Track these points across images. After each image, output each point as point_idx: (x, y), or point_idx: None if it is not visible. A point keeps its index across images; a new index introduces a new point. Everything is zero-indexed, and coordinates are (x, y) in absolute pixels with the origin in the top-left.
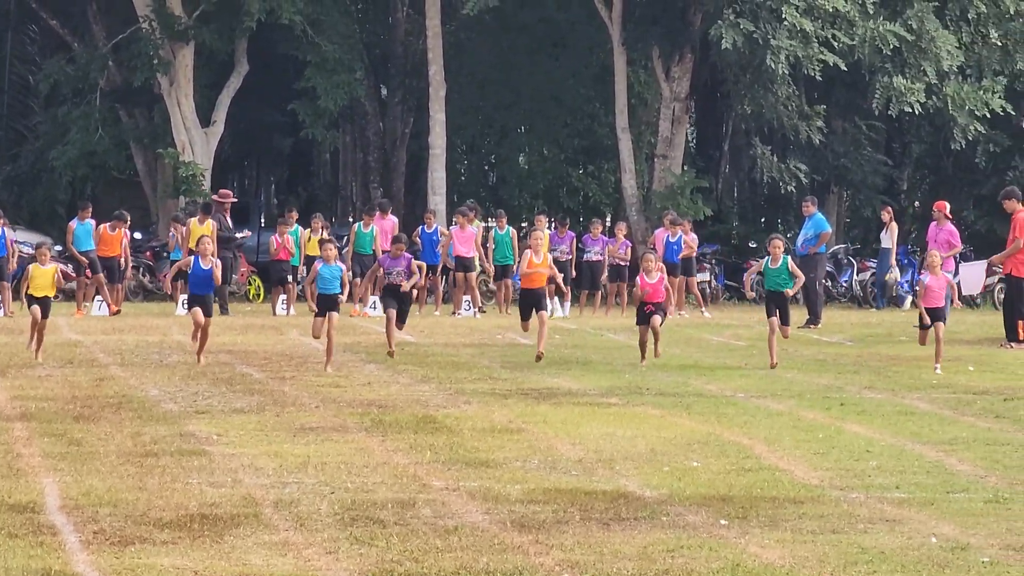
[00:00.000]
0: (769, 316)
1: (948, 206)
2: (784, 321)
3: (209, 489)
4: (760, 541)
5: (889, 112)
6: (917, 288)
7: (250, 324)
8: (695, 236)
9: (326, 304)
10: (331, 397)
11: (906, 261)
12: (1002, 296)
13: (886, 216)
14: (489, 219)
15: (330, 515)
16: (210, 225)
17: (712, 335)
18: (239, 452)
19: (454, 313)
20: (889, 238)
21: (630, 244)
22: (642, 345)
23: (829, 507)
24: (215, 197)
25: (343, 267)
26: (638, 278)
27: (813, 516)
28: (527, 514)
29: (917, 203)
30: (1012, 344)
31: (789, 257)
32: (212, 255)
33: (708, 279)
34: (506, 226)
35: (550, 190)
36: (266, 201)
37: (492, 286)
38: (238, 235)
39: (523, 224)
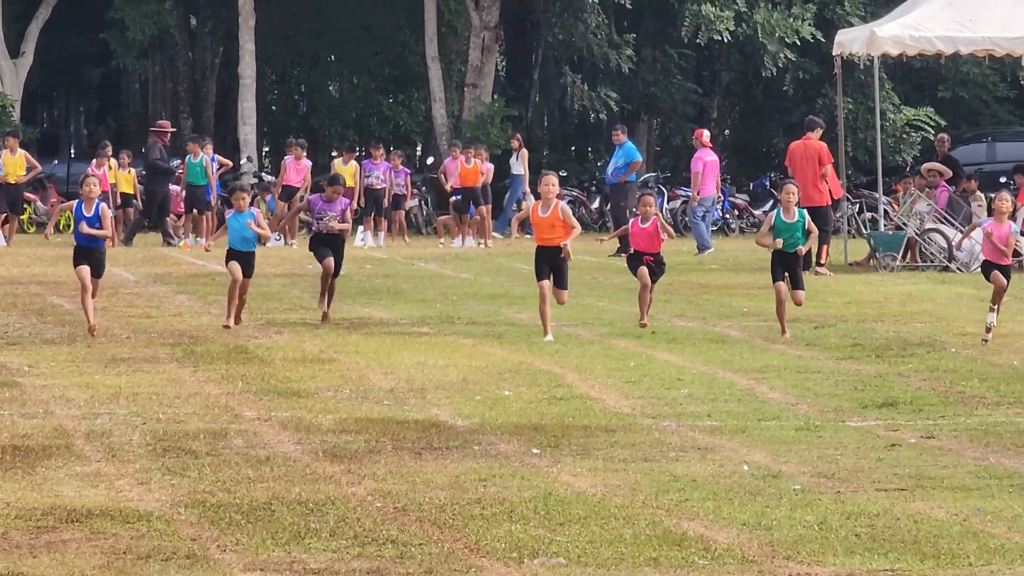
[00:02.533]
0: (776, 280)
1: (706, 133)
2: (797, 284)
3: (20, 420)
4: (572, 470)
5: (698, 40)
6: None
7: (61, 255)
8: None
9: (241, 262)
10: (142, 328)
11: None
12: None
13: (515, 143)
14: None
15: (142, 446)
16: (22, 156)
17: (523, 264)
18: (50, 383)
19: (262, 243)
20: (520, 164)
21: (409, 172)
22: (642, 293)
23: (641, 435)
24: (152, 128)
25: (256, 212)
26: (630, 223)
27: (625, 444)
28: (339, 444)
29: (727, 131)
30: (818, 269)
31: (806, 211)
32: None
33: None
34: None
35: (361, 119)
36: (76, 132)
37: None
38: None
39: (332, 154)
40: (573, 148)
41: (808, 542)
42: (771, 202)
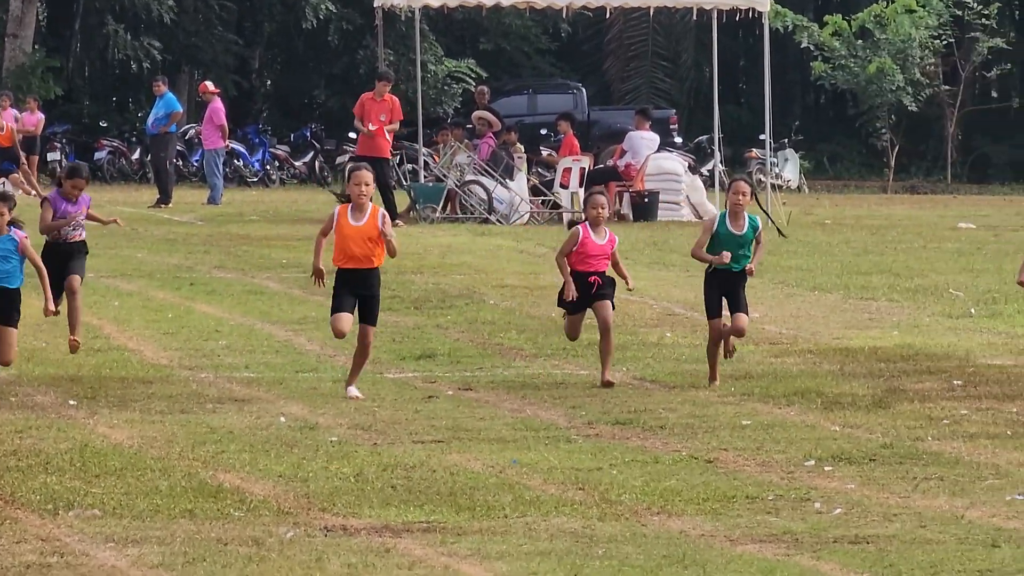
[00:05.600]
0: (712, 315)
1: (211, 85)
2: (739, 307)
3: None
4: (109, 421)
5: None
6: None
7: None
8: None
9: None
10: None
11: (257, 140)
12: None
13: None
14: None
15: None
16: None
17: None
18: None
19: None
20: None
21: None
22: (571, 330)
23: (178, 387)
24: None
25: (20, 237)
26: (579, 229)
27: (162, 396)
28: None
29: (269, 82)
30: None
31: (759, 218)
32: None
33: (59, 158)
34: None
35: None
36: None
37: None
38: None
39: None
40: (115, 99)
41: (344, 494)
42: (311, 153)
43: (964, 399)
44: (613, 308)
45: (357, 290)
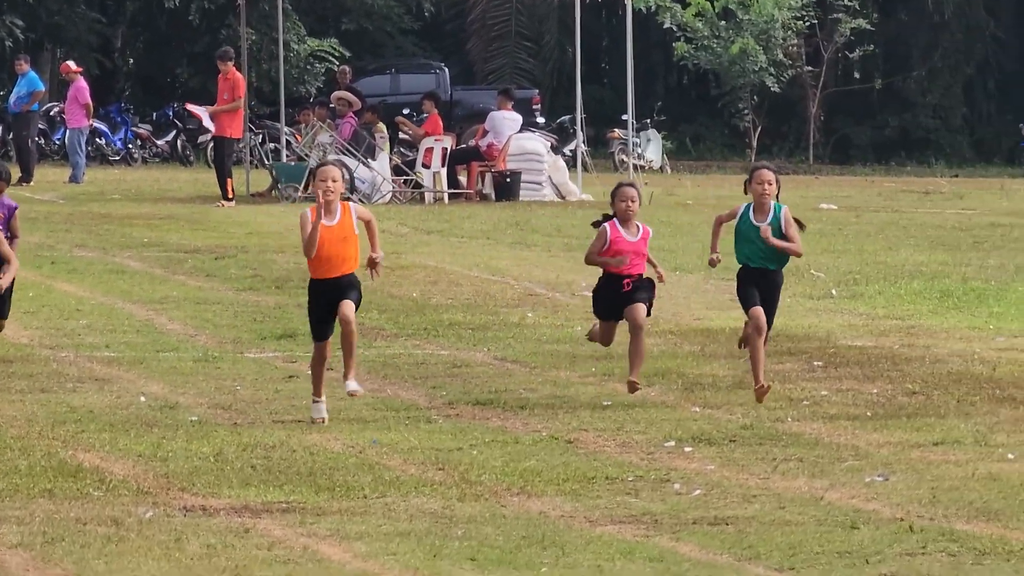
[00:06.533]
0: (749, 305)
1: (73, 64)
2: (768, 319)
3: None
4: None
5: None
6: None
7: None
8: None
9: None
10: None
11: (119, 119)
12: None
13: None
14: None
15: None
16: None
17: None
18: None
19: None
20: None
21: None
22: (603, 338)
23: (39, 366)
24: None
25: None
26: (607, 227)
27: (22, 375)
28: None
29: (132, 61)
30: (223, 202)
31: (784, 207)
32: None
33: None
34: None
35: None
36: None
37: None
38: None
39: None
40: None
41: (204, 474)
42: (174, 132)
43: (824, 380)
44: (650, 312)
45: (332, 296)
